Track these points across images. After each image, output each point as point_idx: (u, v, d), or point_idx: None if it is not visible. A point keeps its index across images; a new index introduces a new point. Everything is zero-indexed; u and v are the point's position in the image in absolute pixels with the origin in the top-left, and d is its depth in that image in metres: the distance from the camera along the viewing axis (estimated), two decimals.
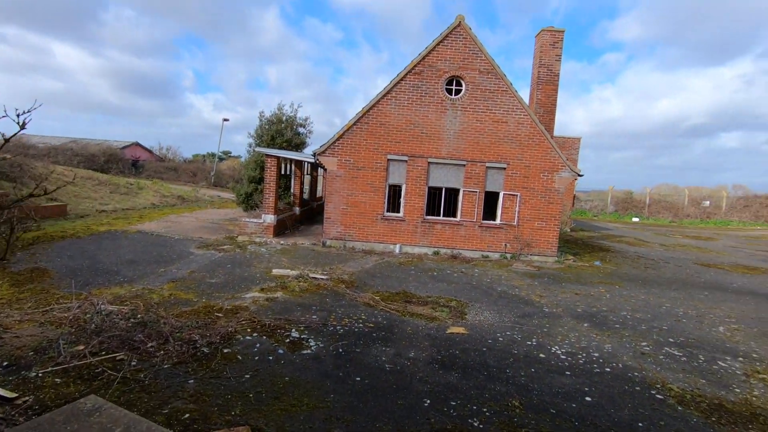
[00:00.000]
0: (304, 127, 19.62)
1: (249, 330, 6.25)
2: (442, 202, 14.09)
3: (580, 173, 14.03)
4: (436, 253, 13.72)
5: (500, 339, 6.68)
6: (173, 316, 6.44)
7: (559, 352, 6.29)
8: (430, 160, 13.64)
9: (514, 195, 13.77)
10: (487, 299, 8.99)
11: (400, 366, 5.45)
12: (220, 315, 6.78)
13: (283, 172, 17.98)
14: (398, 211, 14.02)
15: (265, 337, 6.05)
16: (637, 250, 17.86)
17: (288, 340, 6.01)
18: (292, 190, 18.49)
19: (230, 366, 5.09)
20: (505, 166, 13.67)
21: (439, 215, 14.11)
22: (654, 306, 9.27)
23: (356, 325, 6.88)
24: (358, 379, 5.02)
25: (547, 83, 15.23)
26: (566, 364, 5.86)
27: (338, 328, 6.68)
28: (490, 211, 14.42)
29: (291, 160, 17.94)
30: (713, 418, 4.61)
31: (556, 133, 24.54)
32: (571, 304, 9.03)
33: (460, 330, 6.98)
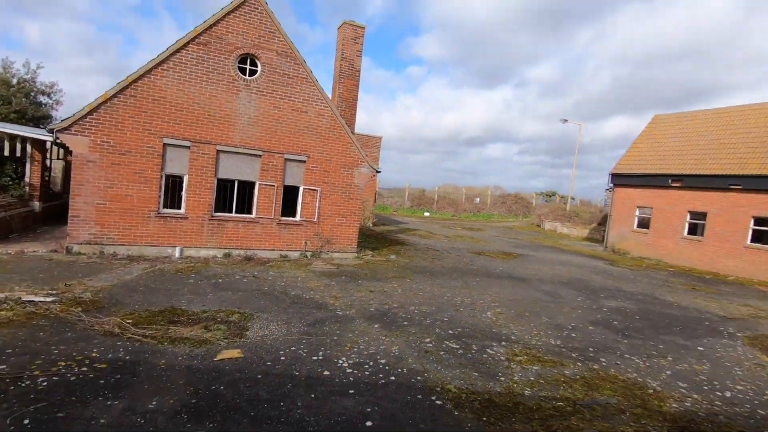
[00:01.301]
0: (48, 96, 14.82)
1: None
2: (234, 196, 12.35)
3: (378, 169, 14.32)
4: (227, 256, 11.94)
5: (282, 358, 5.67)
6: None
7: (345, 365, 5.64)
8: (219, 147, 11.74)
9: (314, 190, 13.08)
10: (277, 307, 7.91)
11: (126, 430, 3.83)
12: None
13: (8, 154, 13.15)
14: (179, 207, 11.65)
15: None
16: (426, 242, 19.65)
17: None
18: (27, 179, 13.73)
19: None
20: (305, 158, 12.84)
21: (231, 212, 12.33)
22: (438, 297, 9.80)
23: (76, 369, 4.83)
24: None
25: (348, 77, 15.06)
26: (351, 379, 5.23)
27: (41, 380, 4.53)
28: (289, 207, 13.41)
29: (25, 138, 13.24)
30: (484, 418, 4.57)
31: (362, 131, 25.34)
32: (365, 303, 8.73)
33: (234, 354, 5.68)
